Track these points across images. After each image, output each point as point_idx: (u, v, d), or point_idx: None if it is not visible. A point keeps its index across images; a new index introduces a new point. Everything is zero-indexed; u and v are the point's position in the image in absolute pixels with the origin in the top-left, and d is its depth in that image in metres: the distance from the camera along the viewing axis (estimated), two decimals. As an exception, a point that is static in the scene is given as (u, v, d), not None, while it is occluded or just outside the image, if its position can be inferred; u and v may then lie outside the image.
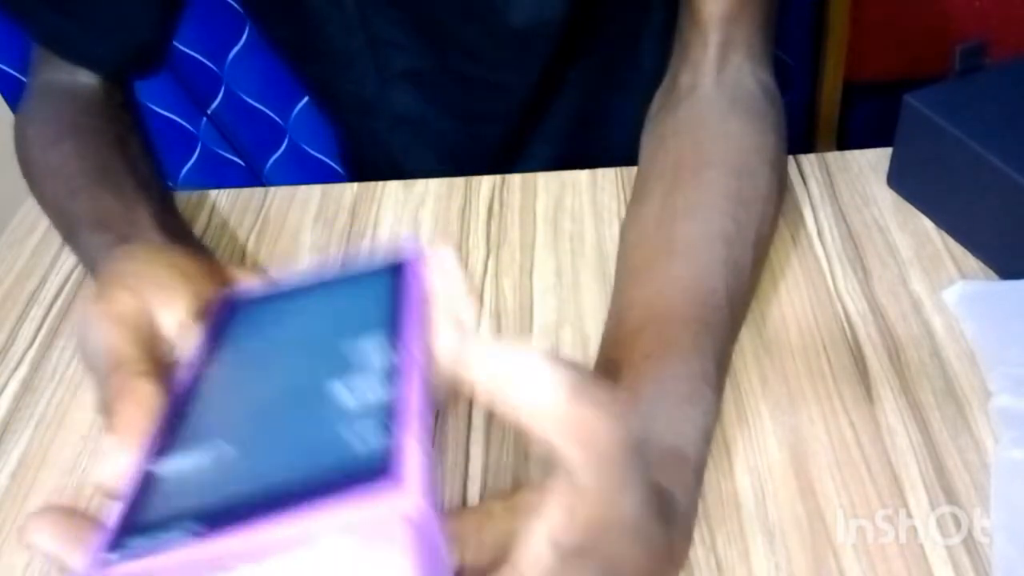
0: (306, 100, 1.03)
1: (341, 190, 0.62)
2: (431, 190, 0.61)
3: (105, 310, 0.34)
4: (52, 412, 0.49)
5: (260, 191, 0.63)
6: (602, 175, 0.61)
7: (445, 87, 0.67)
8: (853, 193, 0.57)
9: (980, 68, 0.57)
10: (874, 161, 0.59)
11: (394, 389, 0.27)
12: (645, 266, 0.46)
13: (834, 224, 0.55)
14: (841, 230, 0.54)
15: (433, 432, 0.28)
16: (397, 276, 0.35)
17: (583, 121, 0.70)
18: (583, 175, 0.61)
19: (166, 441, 0.28)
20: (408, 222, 0.59)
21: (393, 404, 0.27)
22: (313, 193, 0.62)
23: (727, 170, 0.48)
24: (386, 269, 0.35)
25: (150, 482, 0.27)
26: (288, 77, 0.96)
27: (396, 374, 0.28)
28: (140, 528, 0.24)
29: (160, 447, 0.28)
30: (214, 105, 1.02)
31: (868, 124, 1.05)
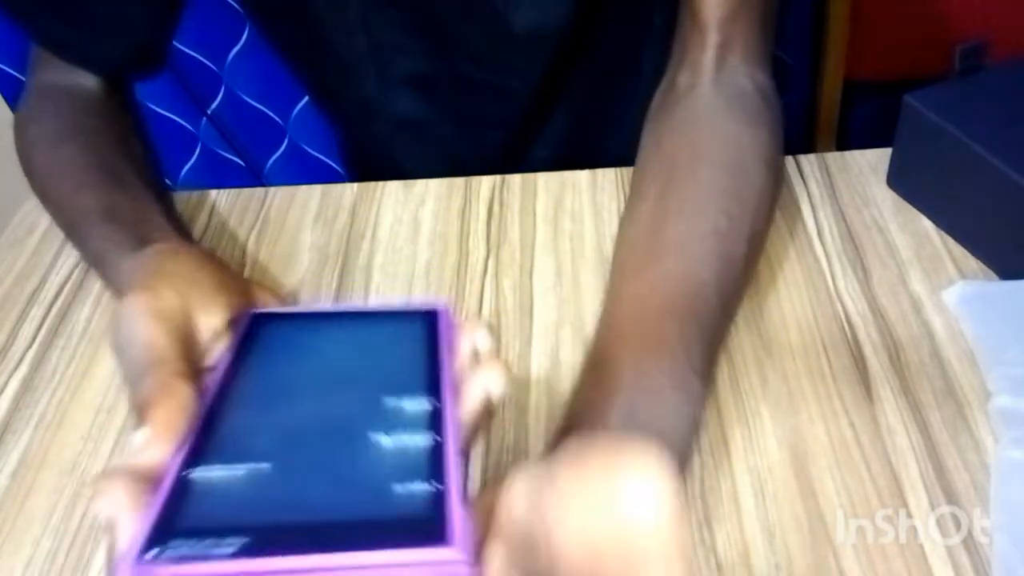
0: (306, 100, 1.03)
1: (341, 190, 0.62)
2: (431, 190, 0.61)
3: (150, 305, 0.35)
4: (52, 412, 0.49)
5: (260, 191, 0.63)
6: (602, 175, 0.61)
7: (447, 92, 0.67)
8: (853, 193, 0.57)
9: (980, 68, 0.57)
10: (874, 161, 0.59)
11: (432, 435, 0.29)
12: (637, 263, 0.46)
13: (834, 224, 0.55)
14: (841, 230, 0.54)
15: (464, 475, 0.29)
16: (429, 323, 0.36)
17: (584, 123, 0.70)
18: (583, 175, 0.61)
19: (201, 448, 0.29)
20: (408, 222, 0.59)
21: (433, 451, 0.28)
22: (313, 193, 0.62)
23: (721, 167, 0.48)
24: (417, 314, 0.37)
25: (187, 487, 0.27)
26: (288, 77, 0.96)
27: (433, 420, 0.30)
28: (180, 532, 0.25)
29: (195, 454, 0.29)
30: (214, 105, 1.02)
31: (868, 124, 1.05)
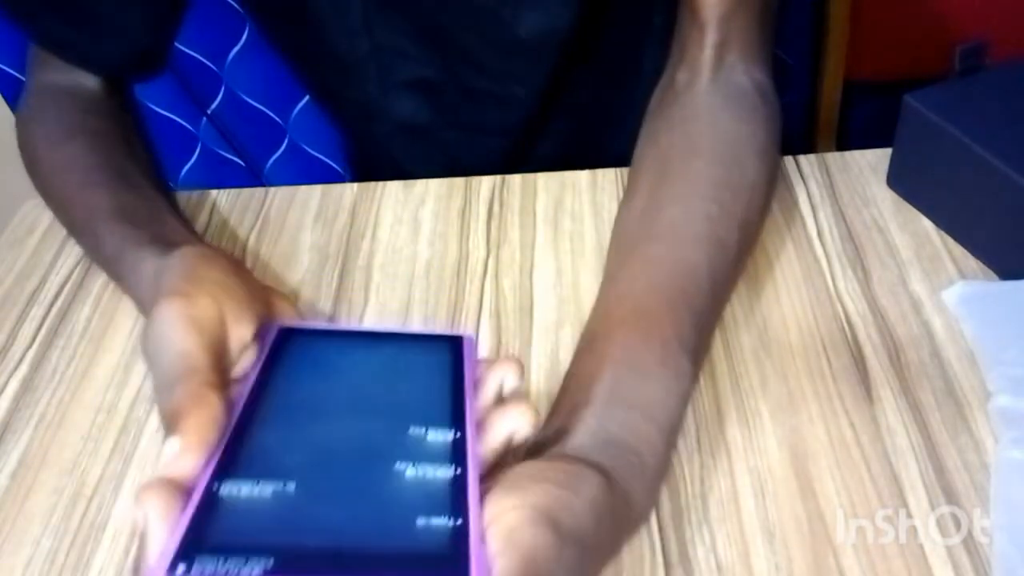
0: (306, 100, 1.03)
1: (341, 190, 0.62)
2: (431, 190, 0.61)
3: (186, 312, 0.35)
4: (52, 412, 0.49)
5: (260, 191, 0.63)
6: (602, 175, 0.61)
7: (450, 97, 0.67)
8: (853, 193, 0.57)
9: (980, 68, 0.57)
10: (874, 161, 0.59)
11: (454, 467, 0.30)
12: (630, 248, 0.47)
13: (834, 224, 0.55)
14: (841, 230, 0.54)
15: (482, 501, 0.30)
16: (454, 350, 0.37)
17: (584, 124, 0.70)
18: (583, 175, 0.61)
19: (229, 462, 0.29)
20: (408, 222, 0.59)
21: (454, 483, 0.29)
22: (313, 193, 0.62)
23: (714, 160, 0.48)
24: (442, 340, 0.37)
25: (215, 502, 0.27)
26: (288, 77, 0.96)
27: (455, 450, 0.31)
28: (206, 548, 0.25)
29: (224, 468, 0.29)
30: (214, 105, 1.02)
31: (868, 124, 1.05)
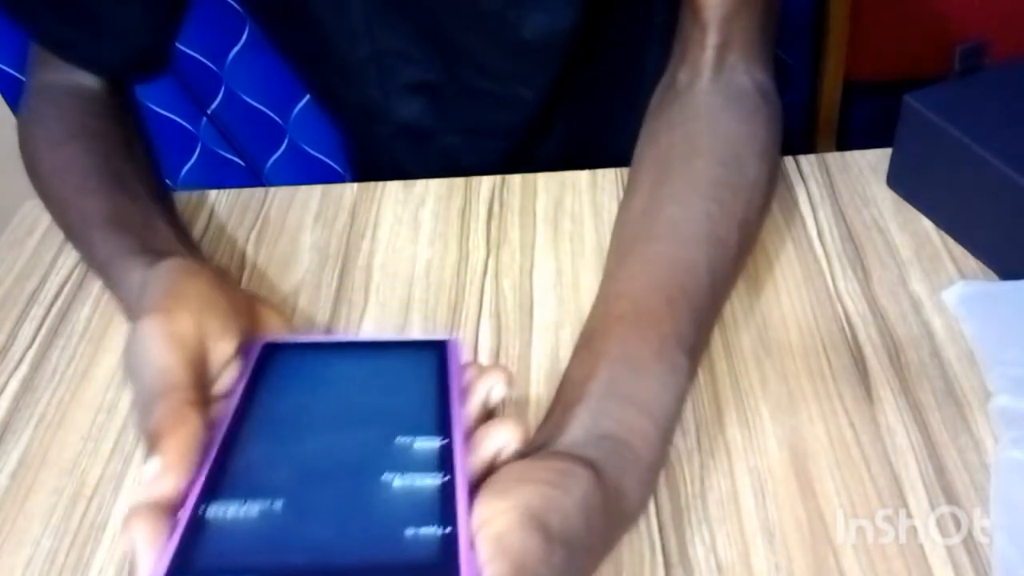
0: (306, 100, 1.03)
1: (341, 190, 0.62)
2: (431, 190, 0.61)
3: (168, 329, 0.34)
4: (52, 412, 0.49)
5: (260, 191, 0.63)
6: (602, 175, 0.61)
7: (452, 100, 0.67)
8: (853, 193, 0.57)
9: (980, 68, 0.57)
10: (874, 161, 0.59)
11: (442, 475, 0.29)
12: (629, 245, 0.47)
13: (834, 224, 0.55)
14: (841, 230, 0.54)
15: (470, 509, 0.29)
16: (438, 356, 0.36)
17: (585, 125, 0.70)
18: (583, 175, 0.61)
19: (215, 483, 0.29)
20: (408, 222, 0.59)
21: (443, 491, 0.29)
22: (313, 193, 0.62)
23: (714, 160, 0.48)
24: (426, 346, 0.37)
25: (202, 525, 0.27)
26: (288, 77, 0.96)
27: (443, 458, 0.30)
28: (197, 570, 0.25)
29: (210, 488, 0.29)
30: (214, 105, 1.02)
31: (868, 124, 1.05)
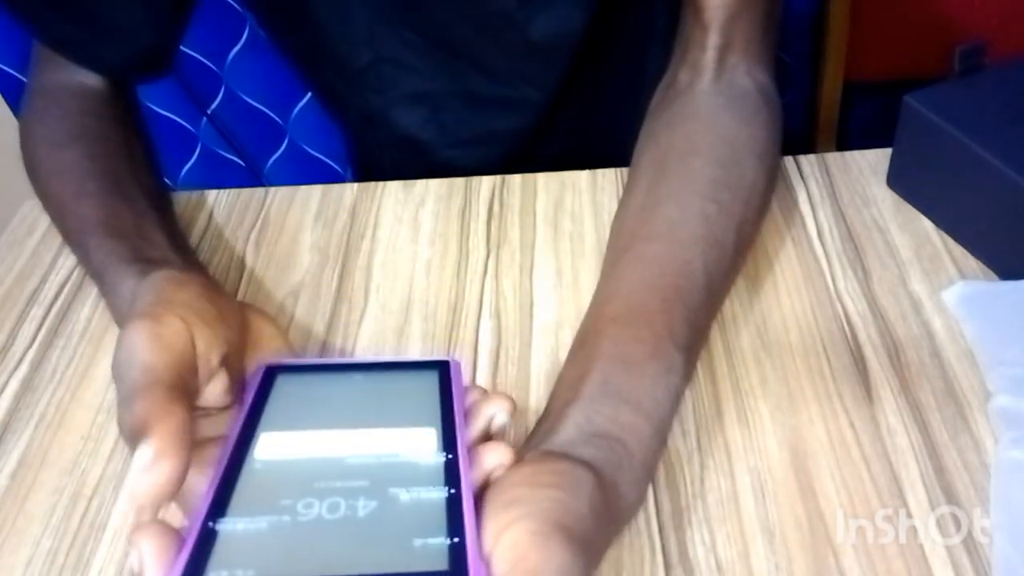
0: (306, 100, 1.03)
1: (341, 190, 0.62)
2: (431, 190, 0.61)
3: (156, 331, 0.35)
4: (52, 412, 0.49)
5: (260, 191, 0.63)
6: (602, 175, 0.61)
7: (454, 112, 0.67)
8: (853, 194, 0.57)
9: (980, 68, 0.57)
10: (874, 162, 0.59)
11: (448, 488, 0.30)
12: (626, 246, 0.47)
13: (834, 224, 0.55)
14: (841, 230, 0.54)
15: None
16: (440, 375, 0.36)
17: (586, 126, 0.70)
18: (583, 175, 0.61)
19: (222, 501, 0.29)
20: (408, 222, 0.59)
21: (449, 504, 0.29)
22: (313, 193, 0.62)
23: (712, 160, 0.48)
24: (427, 367, 0.37)
25: (210, 542, 0.27)
26: (288, 77, 0.96)
27: (448, 472, 0.30)
28: None
29: (217, 507, 0.29)
30: (214, 105, 1.02)
31: (868, 124, 1.05)
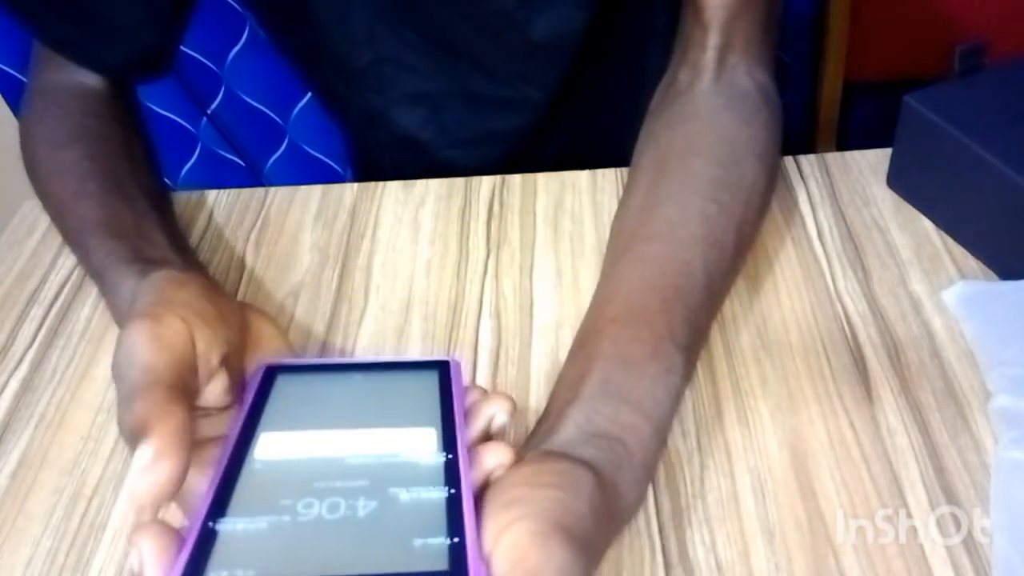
0: (306, 100, 1.03)
1: (341, 190, 0.62)
2: (431, 190, 0.61)
3: (156, 331, 0.35)
4: (52, 412, 0.49)
5: (260, 191, 0.63)
6: (602, 175, 0.61)
7: (454, 112, 0.66)
8: (853, 194, 0.57)
9: (980, 68, 0.57)
10: (874, 162, 0.59)
11: (448, 488, 0.30)
12: (625, 246, 0.47)
13: (834, 224, 0.55)
14: (841, 230, 0.54)
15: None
16: (440, 375, 0.36)
17: (586, 126, 0.70)
18: (583, 175, 0.61)
19: (222, 501, 0.29)
20: (408, 222, 0.59)
21: (449, 504, 0.29)
22: (313, 193, 0.62)
23: (712, 160, 0.48)
24: (427, 366, 0.37)
25: (210, 542, 0.28)
26: (288, 77, 0.96)
27: (448, 472, 0.30)
28: None
29: (217, 507, 0.29)
30: (214, 105, 1.02)
31: (868, 124, 1.05)
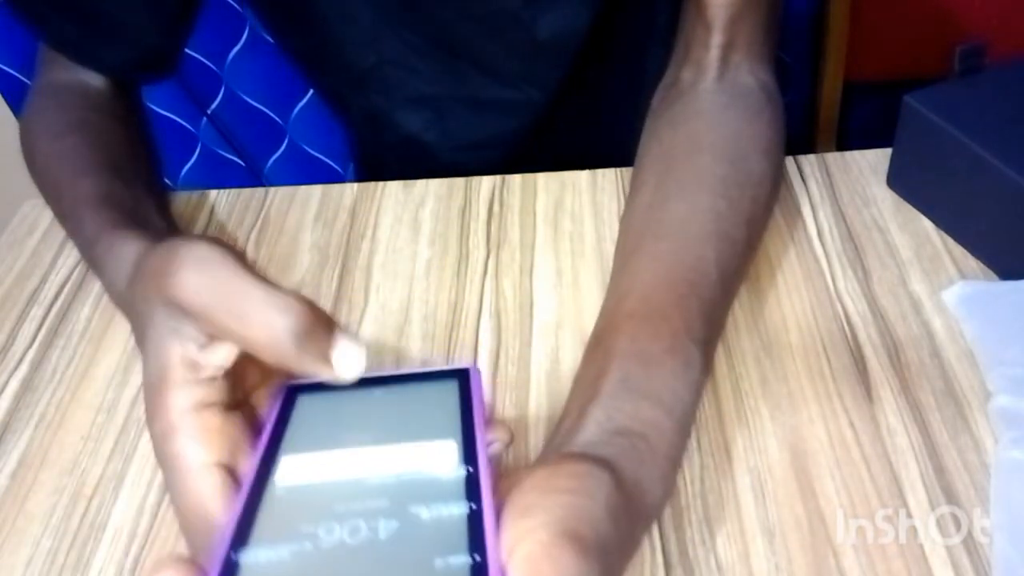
0: (306, 100, 1.03)
1: (341, 190, 0.62)
2: (431, 190, 0.61)
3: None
4: (52, 412, 0.49)
5: (260, 191, 0.63)
6: (602, 175, 0.61)
7: (457, 115, 0.67)
8: (853, 194, 0.57)
9: (980, 68, 0.57)
10: (874, 162, 0.59)
11: (469, 503, 0.29)
12: (636, 243, 0.47)
13: (834, 224, 0.55)
14: (841, 230, 0.54)
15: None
16: (460, 384, 0.36)
17: (586, 125, 0.70)
18: (583, 175, 0.61)
19: (245, 528, 0.29)
20: (408, 222, 0.59)
21: (471, 519, 0.28)
22: (313, 193, 0.62)
23: (719, 157, 0.48)
24: (447, 375, 0.37)
25: (233, 571, 0.27)
26: (288, 77, 0.96)
27: (469, 486, 0.30)
28: None
29: (239, 534, 0.29)
30: (214, 105, 1.02)
31: (868, 124, 1.05)
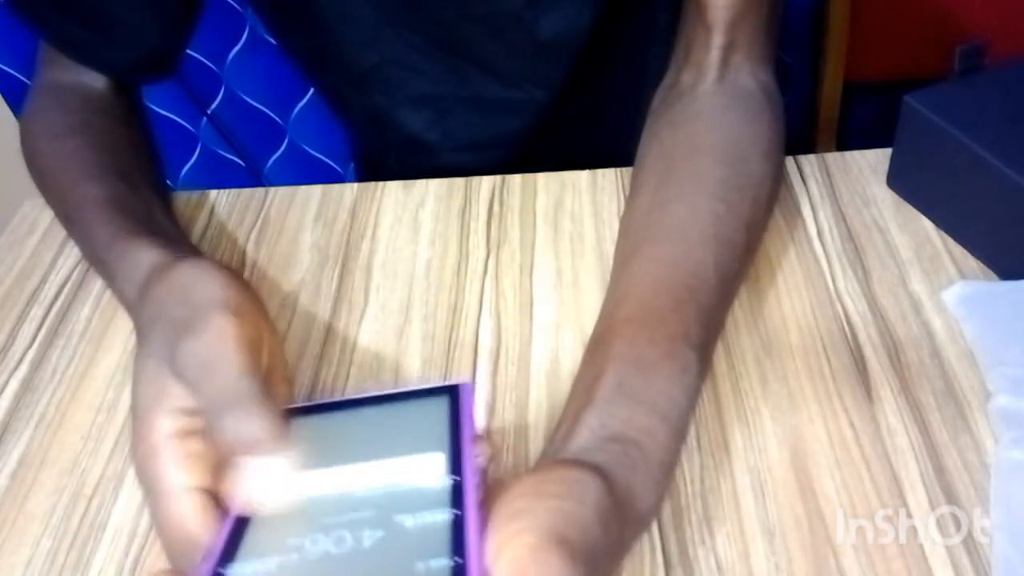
0: (306, 100, 1.03)
1: (341, 190, 0.62)
2: (431, 190, 0.61)
3: (238, 332, 0.35)
4: (52, 412, 0.49)
5: (260, 191, 0.63)
6: (602, 175, 0.61)
7: (458, 115, 0.67)
8: (853, 194, 0.57)
9: (980, 68, 0.57)
10: (874, 162, 0.59)
11: (453, 510, 0.29)
12: (635, 246, 0.47)
13: (834, 224, 0.55)
14: (841, 230, 0.54)
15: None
16: (451, 398, 0.36)
17: (586, 125, 0.70)
18: (583, 175, 0.61)
19: (232, 544, 0.30)
20: (408, 222, 0.59)
21: (454, 526, 0.29)
22: (313, 193, 0.62)
23: (719, 159, 0.48)
24: (440, 391, 0.37)
25: None
26: (288, 77, 0.96)
27: (454, 495, 0.30)
28: None
29: (227, 550, 0.30)
30: (214, 105, 1.02)
31: (868, 124, 1.05)
